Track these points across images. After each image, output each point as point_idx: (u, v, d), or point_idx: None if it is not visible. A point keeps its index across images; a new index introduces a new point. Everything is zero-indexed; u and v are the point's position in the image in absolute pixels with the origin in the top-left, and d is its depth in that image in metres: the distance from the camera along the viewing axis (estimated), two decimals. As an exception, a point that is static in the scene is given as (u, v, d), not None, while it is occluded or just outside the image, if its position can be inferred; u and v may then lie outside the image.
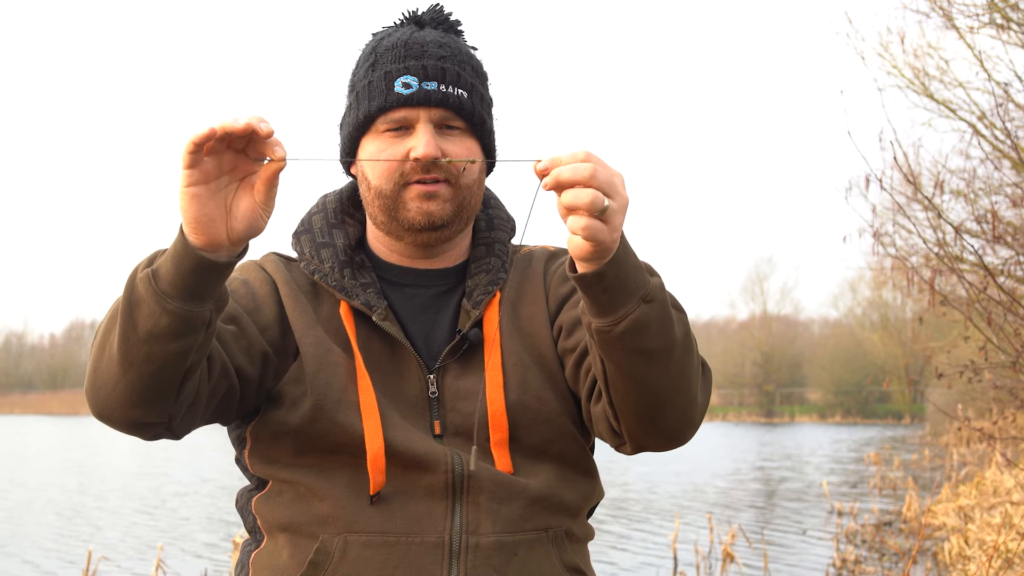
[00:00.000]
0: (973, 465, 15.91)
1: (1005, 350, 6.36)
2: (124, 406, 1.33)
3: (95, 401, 1.35)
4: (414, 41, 1.53)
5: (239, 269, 1.59)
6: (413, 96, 1.49)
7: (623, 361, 1.33)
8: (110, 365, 1.31)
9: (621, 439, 1.45)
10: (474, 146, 1.54)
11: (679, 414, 1.41)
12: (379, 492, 1.43)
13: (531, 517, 1.47)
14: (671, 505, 13.67)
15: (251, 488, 1.56)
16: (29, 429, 42.03)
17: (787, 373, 54.69)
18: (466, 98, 1.52)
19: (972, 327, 6.57)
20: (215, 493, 15.89)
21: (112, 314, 1.33)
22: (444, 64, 1.51)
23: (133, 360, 1.29)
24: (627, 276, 1.28)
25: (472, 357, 1.52)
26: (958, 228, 7.10)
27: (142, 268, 1.28)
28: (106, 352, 1.32)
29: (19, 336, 77.69)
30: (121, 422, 1.36)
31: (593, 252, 1.24)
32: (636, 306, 1.29)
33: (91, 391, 1.35)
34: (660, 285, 1.33)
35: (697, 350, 1.44)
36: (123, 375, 1.30)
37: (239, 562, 1.57)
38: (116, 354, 1.30)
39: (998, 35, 8.44)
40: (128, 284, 1.29)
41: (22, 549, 10.47)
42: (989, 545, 7.35)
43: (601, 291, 1.28)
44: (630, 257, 1.29)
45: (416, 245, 1.56)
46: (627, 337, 1.30)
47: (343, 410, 1.44)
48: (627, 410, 1.39)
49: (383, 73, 1.51)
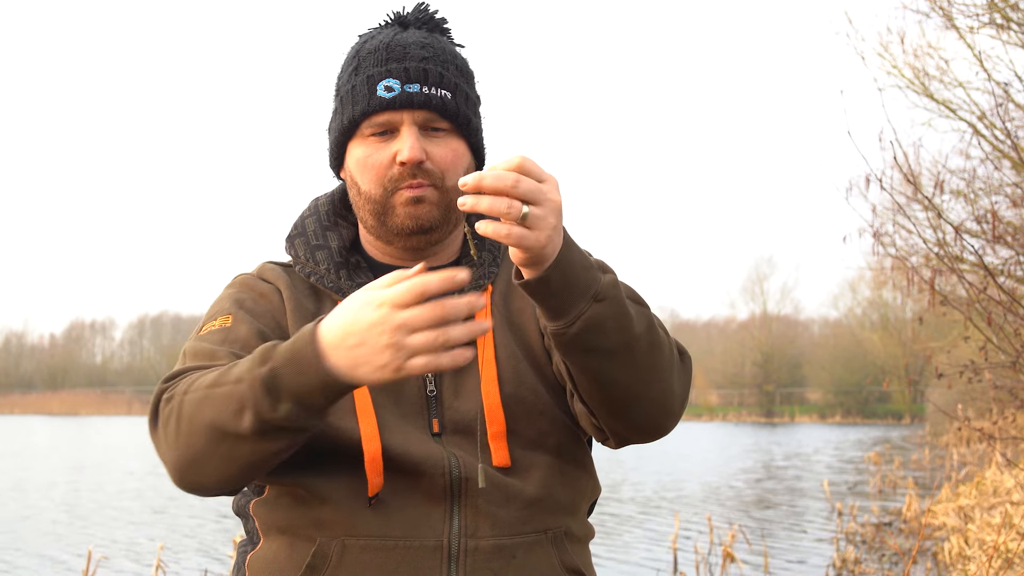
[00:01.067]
0: (973, 465, 15.91)
1: (1005, 350, 6.36)
2: (232, 485, 1.37)
3: (197, 483, 1.35)
4: (396, 43, 1.52)
5: (241, 286, 1.58)
6: (396, 99, 1.48)
7: (583, 361, 1.35)
8: (231, 461, 1.31)
9: (604, 434, 1.47)
10: (460, 147, 1.53)
11: (654, 407, 1.42)
12: (377, 495, 1.43)
13: (530, 519, 1.47)
14: (671, 505, 13.66)
15: (248, 491, 1.56)
16: (29, 429, 42.01)
17: (787, 373, 54.72)
18: (450, 99, 1.51)
19: (972, 327, 6.57)
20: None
21: (222, 418, 1.28)
22: (427, 65, 1.51)
23: (258, 459, 1.31)
24: (575, 277, 1.29)
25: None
26: (958, 228, 7.09)
27: (269, 407, 1.24)
28: (222, 448, 1.29)
29: (19, 336, 77.74)
30: (222, 493, 1.39)
31: (526, 258, 1.25)
32: (588, 306, 1.30)
33: (191, 475, 1.34)
34: (612, 282, 1.33)
35: (669, 339, 1.44)
36: (245, 469, 1.32)
37: (236, 563, 1.56)
38: (246, 456, 1.30)
39: (998, 35, 8.44)
40: (255, 420, 1.25)
41: (23, 549, 10.47)
42: (989, 545, 7.35)
43: (548, 295, 1.29)
44: (575, 257, 1.30)
45: (407, 249, 1.56)
46: (583, 338, 1.31)
47: (339, 413, 1.44)
48: (599, 407, 1.41)
49: (365, 77, 1.51)
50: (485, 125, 1.61)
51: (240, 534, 1.81)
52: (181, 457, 1.33)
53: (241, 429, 1.26)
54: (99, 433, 37.58)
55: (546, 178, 1.24)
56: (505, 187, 1.20)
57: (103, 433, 37.84)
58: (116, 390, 68.42)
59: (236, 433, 1.27)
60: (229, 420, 1.27)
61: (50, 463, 22.44)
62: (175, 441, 1.33)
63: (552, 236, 1.24)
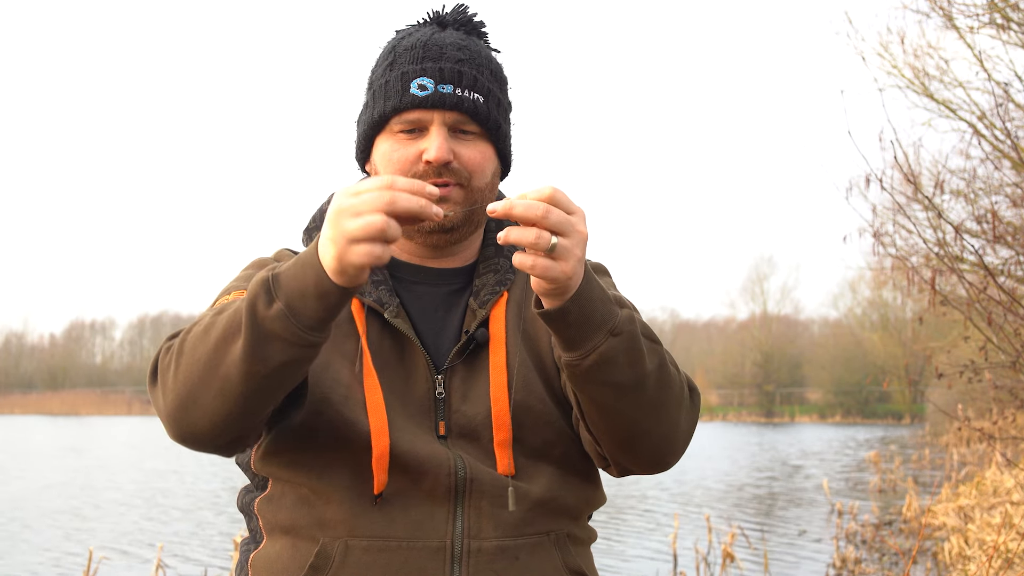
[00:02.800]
0: (973, 465, 15.91)
1: (1005, 350, 6.36)
2: (228, 430, 1.32)
3: (190, 429, 1.32)
4: (433, 43, 1.53)
5: (258, 265, 1.58)
6: (428, 98, 1.49)
7: (594, 394, 1.36)
8: (223, 397, 1.28)
9: (607, 462, 1.48)
10: (488, 151, 1.54)
11: (658, 444, 1.43)
12: (382, 493, 1.43)
13: (533, 521, 1.47)
14: (671, 505, 13.66)
15: (252, 489, 1.56)
16: (29, 429, 42.00)
17: (787, 373, 54.71)
18: (482, 103, 1.51)
19: (972, 327, 6.57)
20: (216, 493, 15.89)
21: (218, 345, 1.28)
22: (462, 68, 1.51)
23: (257, 389, 1.27)
24: (592, 310, 1.29)
25: (479, 357, 1.52)
26: (958, 228, 7.10)
27: (264, 305, 1.24)
28: (215, 383, 1.28)
29: (19, 336, 77.72)
30: (215, 445, 1.35)
31: (550, 289, 1.26)
32: (604, 340, 1.30)
33: (184, 419, 1.32)
34: (629, 317, 1.34)
35: (679, 376, 1.44)
36: (241, 404, 1.29)
37: (239, 562, 1.56)
38: (236, 386, 1.27)
39: (998, 35, 8.44)
40: (251, 323, 1.24)
41: (24, 550, 10.46)
42: (989, 545, 7.35)
43: (566, 326, 1.29)
44: (595, 291, 1.30)
45: (427, 245, 1.56)
46: (595, 371, 1.32)
47: (349, 406, 1.44)
48: (604, 437, 1.42)
49: (400, 73, 1.51)
50: (513, 131, 1.61)
51: (242, 533, 1.81)
52: (177, 397, 1.32)
53: (236, 345, 1.25)
54: (99, 433, 37.57)
55: (575, 210, 1.25)
56: (535, 217, 1.21)
57: (103, 433, 37.83)
58: (116, 390, 68.42)
59: (231, 352, 1.26)
60: (227, 336, 1.26)
61: (50, 463, 22.43)
62: (172, 383, 1.32)
63: (577, 268, 1.25)
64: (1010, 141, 8.21)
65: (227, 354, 1.27)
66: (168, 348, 1.36)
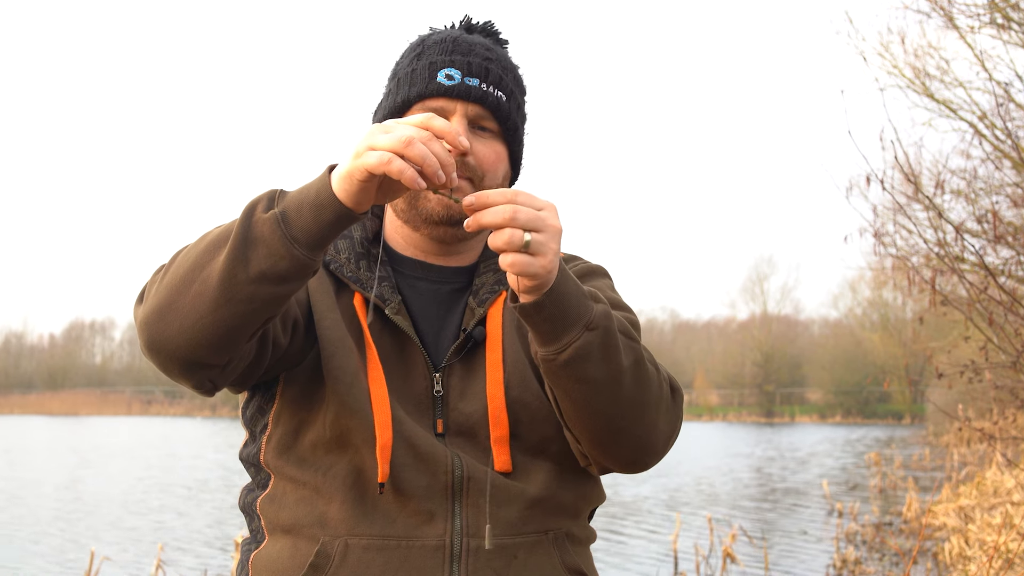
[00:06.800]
0: (973, 465, 15.91)
1: (1006, 350, 6.36)
2: (198, 344, 1.31)
3: (161, 334, 1.31)
4: (463, 40, 1.55)
5: None
6: (454, 88, 1.50)
7: (569, 389, 1.36)
8: (199, 300, 1.28)
9: (586, 459, 1.49)
10: (503, 152, 1.55)
11: (636, 443, 1.43)
12: (384, 484, 1.43)
13: (531, 520, 1.47)
14: (671, 505, 13.67)
15: (254, 488, 1.56)
16: (29, 429, 42.02)
17: (787, 373, 54.69)
18: (504, 101, 1.53)
19: (973, 327, 6.57)
20: (216, 493, 15.89)
21: (208, 248, 1.30)
22: (489, 65, 1.53)
23: (232, 298, 1.27)
24: (567, 305, 1.31)
25: (476, 356, 1.53)
26: (959, 228, 7.09)
27: (263, 209, 1.28)
28: (195, 286, 1.29)
29: (19, 336, 77.68)
30: (181, 360, 1.33)
31: (529, 285, 1.28)
32: (579, 334, 1.32)
33: (157, 323, 1.31)
34: (605, 312, 1.35)
35: (660, 375, 1.44)
36: (213, 312, 1.28)
37: (240, 562, 1.57)
38: (213, 289, 1.27)
39: (999, 35, 8.44)
40: (244, 222, 1.27)
41: (24, 550, 10.47)
42: (989, 545, 7.35)
43: (542, 320, 1.31)
44: (570, 285, 1.32)
45: (432, 239, 1.56)
46: (571, 365, 1.33)
47: (354, 395, 1.44)
48: (582, 436, 1.43)
49: (428, 63, 1.53)
50: (526, 141, 1.63)
51: (242, 533, 1.81)
52: (157, 302, 1.32)
53: (224, 250, 1.27)
54: (99, 433, 37.57)
55: (543, 205, 1.27)
56: (504, 220, 1.24)
57: (103, 433, 37.83)
58: (116, 390, 68.43)
59: (217, 257, 1.28)
60: (218, 242, 1.29)
61: (50, 463, 22.44)
62: (155, 291, 1.34)
63: (554, 261, 1.26)
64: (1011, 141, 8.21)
65: (213, 259, 1.29)
66: (161, 266, 1.39)
